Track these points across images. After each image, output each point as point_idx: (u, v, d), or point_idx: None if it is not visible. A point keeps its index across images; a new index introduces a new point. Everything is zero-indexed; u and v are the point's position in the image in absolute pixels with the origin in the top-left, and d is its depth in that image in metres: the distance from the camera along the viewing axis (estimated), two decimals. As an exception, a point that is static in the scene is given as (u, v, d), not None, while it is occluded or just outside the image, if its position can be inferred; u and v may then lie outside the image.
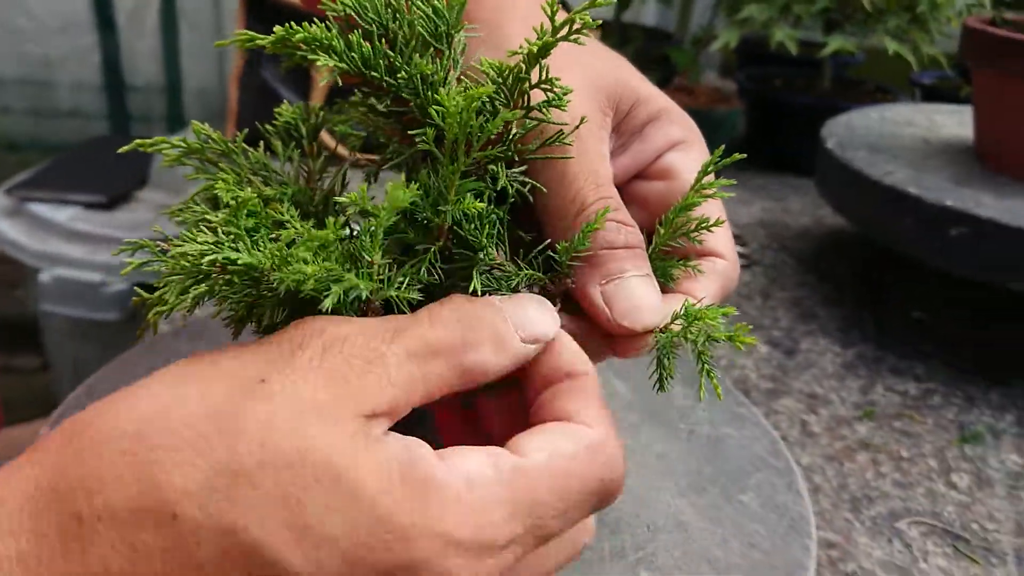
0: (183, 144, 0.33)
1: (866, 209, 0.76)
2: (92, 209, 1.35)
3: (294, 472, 0.21)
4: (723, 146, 0.35)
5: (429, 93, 0.30)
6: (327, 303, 0.25)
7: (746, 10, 1.06)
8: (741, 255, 0.92)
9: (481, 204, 0.29)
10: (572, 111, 0.31)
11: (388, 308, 0.29)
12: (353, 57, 0.29)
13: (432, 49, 0.31)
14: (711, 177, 0.34)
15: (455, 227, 0.30)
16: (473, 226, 0.30)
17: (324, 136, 0.37)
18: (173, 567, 0.21)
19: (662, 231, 0.34)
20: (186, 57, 2.16)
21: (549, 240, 0.33)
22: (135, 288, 0.30)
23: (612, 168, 0.35)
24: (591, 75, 0.34)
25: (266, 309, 0.28)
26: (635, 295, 0.32)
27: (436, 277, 0.30)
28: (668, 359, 0.33)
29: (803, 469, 0.57)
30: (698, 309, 0.32)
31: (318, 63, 0.28)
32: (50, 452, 0.23)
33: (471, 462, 0.25)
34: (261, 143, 0.36)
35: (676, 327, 0.32)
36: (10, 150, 2.23)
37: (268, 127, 0.36)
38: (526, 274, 0.32)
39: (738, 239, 0.97)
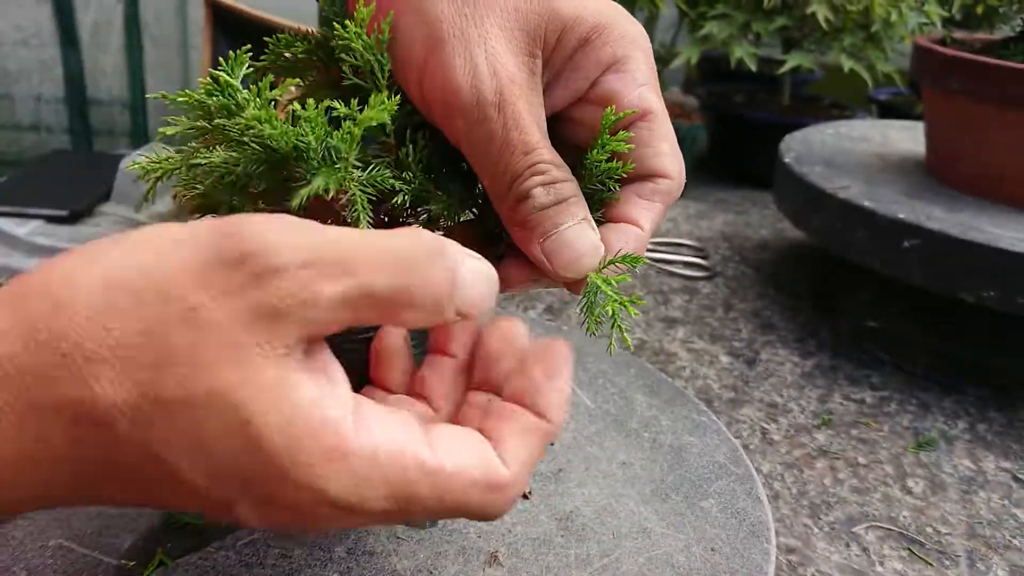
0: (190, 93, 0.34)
1: (822, 222, 0.78)
2: (54, 223, 1.34)
3: (204, 413, 0.24)
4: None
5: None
6: (302, 193, 0.29)
7: (707, 27, 1.09)
8: (703, 267, 0.94)
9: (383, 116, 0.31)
10: (493, 72, 0.32)
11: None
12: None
13: None
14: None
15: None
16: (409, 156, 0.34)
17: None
18: (101, 456, 0.24)
19: (584, 173, 0.35)
20: (150, 72, 2.15)
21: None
22: (135, 161, 0.32)
23: (548, 101, 0.34)
24: (513, 16, 0.33)
25: (257, 188, 0.31)
26: (573, 246, 0.33)
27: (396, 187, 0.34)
28: (594, 303, 0.34)
29: (763, 476, 0.58)
30: (610, 263, 0.33)
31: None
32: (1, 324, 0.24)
33: (381, 433, 0.26)
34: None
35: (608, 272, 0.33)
36: (-33, 164, 2.19)
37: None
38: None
39: (700, 252, 0.99)
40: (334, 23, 0.33)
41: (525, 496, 0.46)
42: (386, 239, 0.26)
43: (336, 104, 0.31)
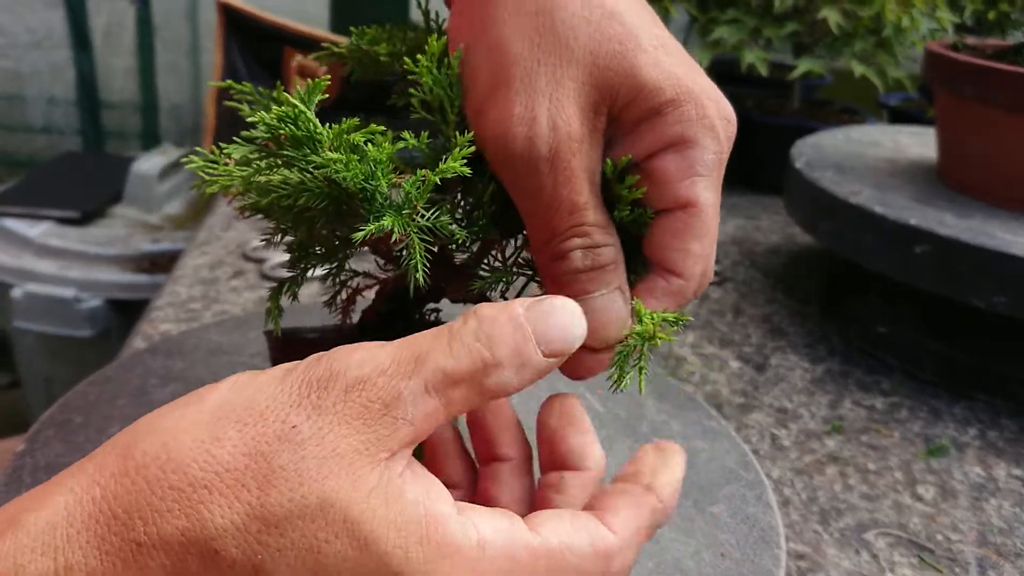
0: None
1: (833, 227, 0.78)
2: (65, 224, 1.35)
3: (316, 524, 0.24)
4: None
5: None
6: (363, 233, 0.29)
7: (717, 32, 1.09)
8: (713, 272, 0.94)
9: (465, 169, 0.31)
10: (553, 126, 0.30)
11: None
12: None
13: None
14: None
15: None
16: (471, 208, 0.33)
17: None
18: None
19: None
20: (161, 75, 2.16)
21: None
22: (197, 172, 0.31)
23: (608, 156, 0.33)
24: (590, 68, 0.31)
25: (315, 217, 0.31)
26: (598, 315, 0.32)
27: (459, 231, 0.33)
28: (624, 365, 0.33)
29: (773, 482, 0.58)
30: (647, 317, 0.33)
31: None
32: (101, 468, 0.25)
33: (487, 526, 0.26)
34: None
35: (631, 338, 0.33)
36: (-21, 165, 2.21)
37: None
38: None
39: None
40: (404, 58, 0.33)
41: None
42: (450, 326, 0.27)
43: (408, 137, 0.31)
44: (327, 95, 0.30)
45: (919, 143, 0.98)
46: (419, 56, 0.32)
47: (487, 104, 0.31)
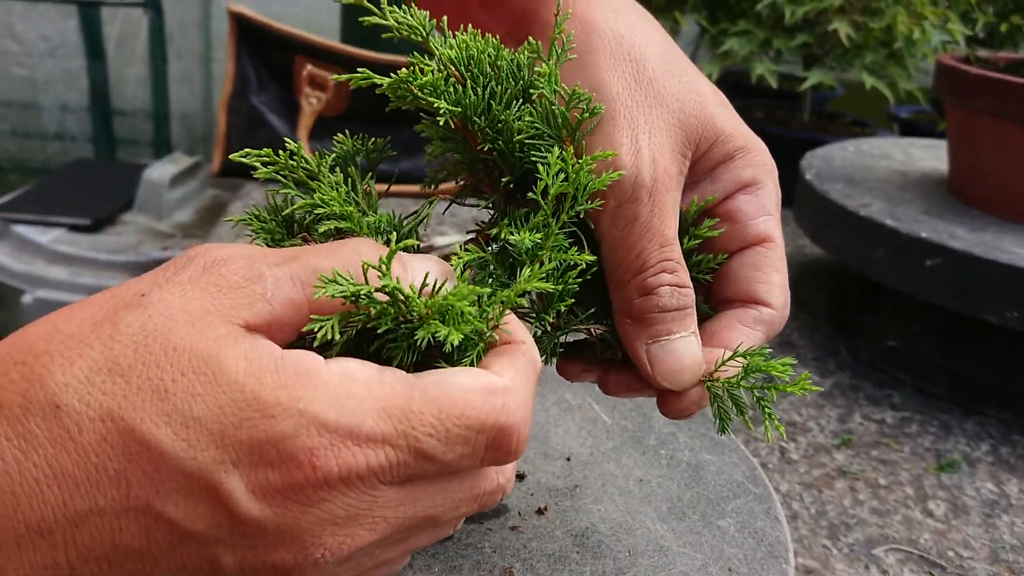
0: (277, 159, 0.33)
1: (843, 240, 0.77)
2: (77, 231, 1.35)
3: (162, 367, 0.24)
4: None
5: (517, 146, 0.32)
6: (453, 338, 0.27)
7: (727, 44, 1.09)
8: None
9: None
10: (653, 159, 0.33)
11: None
12: (464, 104, 0.31)
13: (520, 100, 0.33)
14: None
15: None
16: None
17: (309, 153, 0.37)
18: (59, 451, 0.23)
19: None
20: (173, 83, 2.17)
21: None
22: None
23: (680, 204, 0.35)
24: (678, 116, 0.34)
25: (399, 352, 0.28)
26: (678, 358, 0.34)
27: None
28: (721, 404, 0.34)
29: (782, 496, 0.58)
30: (761, 361, 0.34)
31: (436, 107, 0.30)
32: None
33: (356, 363, 0.26)
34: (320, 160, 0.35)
35: (728, 372, 0.34)
36: (-9, 171, 2.23)
37: (325, 152, 0.36)
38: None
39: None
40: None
41: (541, 511, 0.45)
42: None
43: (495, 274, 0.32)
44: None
45: (930, 156, 0.98)
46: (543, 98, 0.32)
47: (593, 137, 0.33)
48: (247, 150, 0.31)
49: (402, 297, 0.26)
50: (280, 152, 0.32)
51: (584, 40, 0.35)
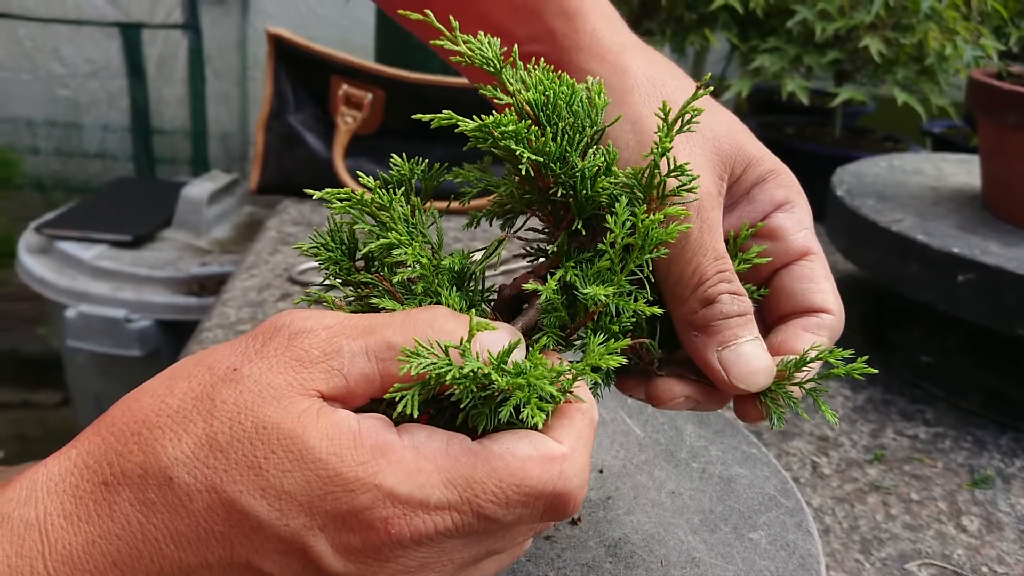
0: (349, 195, 0.34)
1: (875, 255, 0.77)
2: (118, 247, 1.39)
3: (255, 444, 0.27)
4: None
5: (588, 189, 0.34)
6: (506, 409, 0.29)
7: (758, 60, 1.09)
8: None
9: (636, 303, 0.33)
10: (701, 177, 0.35)
11: None
12: (544, 152, 0.33)
13: (586, 143, 0.34)
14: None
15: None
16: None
17: (347, 180, 0.39)
18: (174, 516, 0.27)
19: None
20: (211, 103, 2.22)
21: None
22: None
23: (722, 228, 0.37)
24: (712, 143, 0.37)
25: (482, 418, 0.30)
26: (750, 359, 0.36)
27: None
28: (775, 404, 0.37)
29: (814, 510, 0.58)
30: (822, 354, 0.36)
31: (517, 152, 0.32)
32: (82, 439, 0.29)
33: (423, 434, 0.29)
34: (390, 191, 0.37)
35: (807, 375, 0.36)
36: (37, 189, 2.28)
37: (383, 176, 0.38)
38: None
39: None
40: None
41: (574, 522, 0.46)
42: (405, 310, 0.32)
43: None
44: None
45: (963, 171, 0.97)
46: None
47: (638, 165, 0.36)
48: (328, 190, 0.33)
49: (483, 372, 0.28)
50: (354, 191, 0.34)
51: (619, 83, 0.38)
